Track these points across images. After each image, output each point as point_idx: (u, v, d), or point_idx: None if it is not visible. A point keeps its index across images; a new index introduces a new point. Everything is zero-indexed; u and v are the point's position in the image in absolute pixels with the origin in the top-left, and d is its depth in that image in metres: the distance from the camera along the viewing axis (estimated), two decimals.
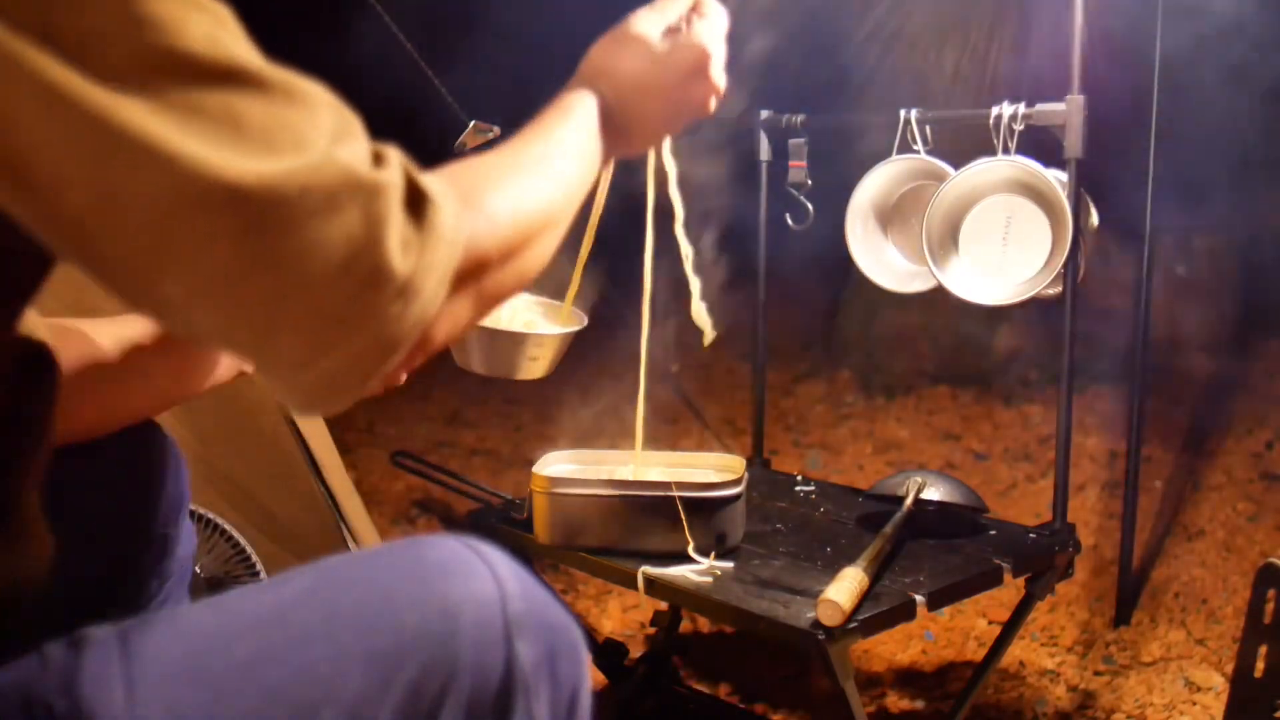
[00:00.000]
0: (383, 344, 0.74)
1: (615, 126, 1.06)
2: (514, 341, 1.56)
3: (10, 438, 0.80)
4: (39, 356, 0.85)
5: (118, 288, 0.70)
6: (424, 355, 0.82)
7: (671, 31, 1.12)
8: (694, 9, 1.14)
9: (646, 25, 1.11)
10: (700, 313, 1.62)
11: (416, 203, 0.75)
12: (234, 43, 0.70)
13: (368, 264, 0.72)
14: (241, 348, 0.73)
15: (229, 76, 0.68)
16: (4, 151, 0.64)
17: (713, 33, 1.12)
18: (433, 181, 0.78)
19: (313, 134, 0.71)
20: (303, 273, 0.70)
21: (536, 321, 1.65)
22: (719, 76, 1.13)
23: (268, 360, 0.73)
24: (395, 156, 0.76)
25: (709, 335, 1.64)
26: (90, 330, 1.25)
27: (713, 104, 1.14)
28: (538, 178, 0.93)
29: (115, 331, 1.26)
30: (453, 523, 3.24)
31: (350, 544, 2.17)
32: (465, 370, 1.60)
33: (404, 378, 0.95)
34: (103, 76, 0.64)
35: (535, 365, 1.59)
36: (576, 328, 1.64)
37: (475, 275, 0.82)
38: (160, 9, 0.66)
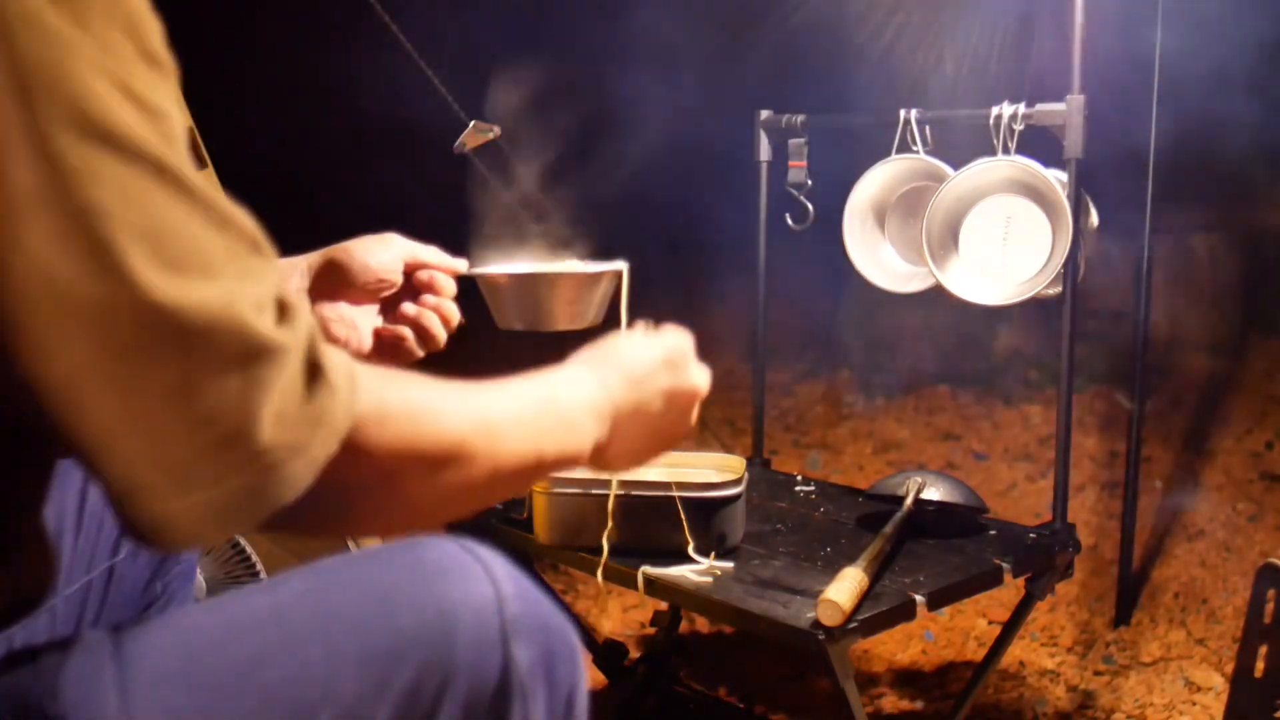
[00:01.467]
0: (227, 511, 0.67)
1: (605, 442, 0.99)
2: (547, 284, 1.46)
3: (17, 453, 0.79)
4: None
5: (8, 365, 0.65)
6: (350, 533, 0.77)
7: (669, 364, 1.08)
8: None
9: (647, 355, 1.05)
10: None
11: (311, 376, 0.69)
12: (163, 140, 0.66)
13: (229, 425, 0.66)
14: (84, 457, 0.66)
15: (159, 171, 0.64)
16: None
17: (702, 374, 1.10)
18: (336, 356, 0.72)
19: (223, 263, 0.66)
20: (156, 409, 0.64)
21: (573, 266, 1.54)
22: (695, 416, 1.10)
23: (105, 482, 0.67)
24: (303, 318, 0.70)
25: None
26: None
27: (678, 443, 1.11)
28: (467, 402, 0.83)
29: None
30: (452, 523, 3.24)
31: (350, 545, 2.17)
32: (507, 331, 1.49)
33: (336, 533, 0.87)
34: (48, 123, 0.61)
35: (574, 311, 1.47)
36: (613, 267, 1.52)
37: (360, 472, 0.74)
38: (100, 90, 0.63)
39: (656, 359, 1.05)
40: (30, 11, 0.62)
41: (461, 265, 1.53)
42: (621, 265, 1.55)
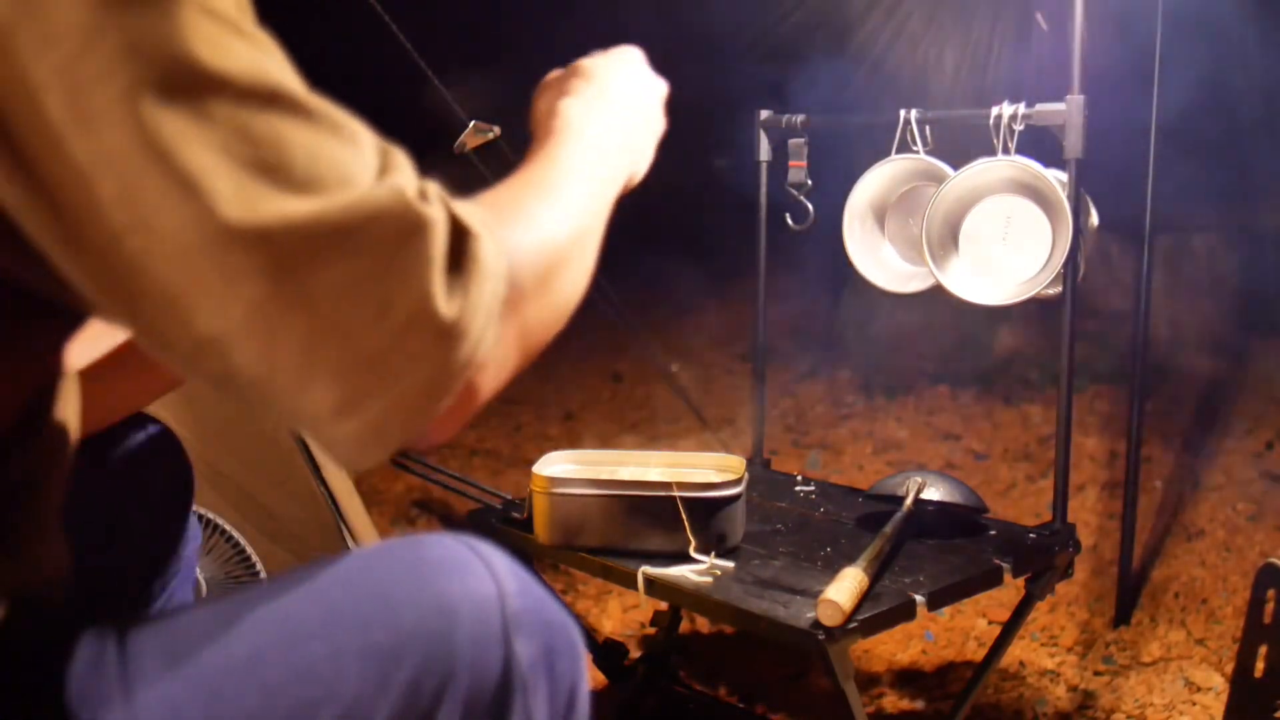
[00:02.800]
0: (428, 391, 0.70)
1: (624, 143, 1.04)
2: None
3: (37, 450, 0.79)
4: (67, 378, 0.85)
5: (155, 336, 0.67)
6: (472, 408, 0.76)
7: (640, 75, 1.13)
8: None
9: (624, 75, 1.10)
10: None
11: (460, 238, 0.72)
12: (280, 70, 0.67)
13: (410, 305, 0.68)
14: (278, 395, 0.68)
15: (275, 101, 0.66)
16: (43, 174, 0.63)
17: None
18: (473, 214, 0.74)
19: (358, 169, 0.68)
20: (339, 314, 0.66)
21: None
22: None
23: (303, 410, 0.69)
24: (436, 191, 0.73)
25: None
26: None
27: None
28: (564, 200, 0.88)
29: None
30: (452, 523, 3.24)
31: (350, 544, 2.17)
32: None
33: (452, 433, 0.85)
34: (149, 90, 0.62)
35: None
36: None
37: (517, 312, 0.78)
38: (206, 30, 0.64)
39: (633, 77, 1.10)
40: None
41: None
42: None
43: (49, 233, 0.64)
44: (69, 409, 0.83)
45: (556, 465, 1.88)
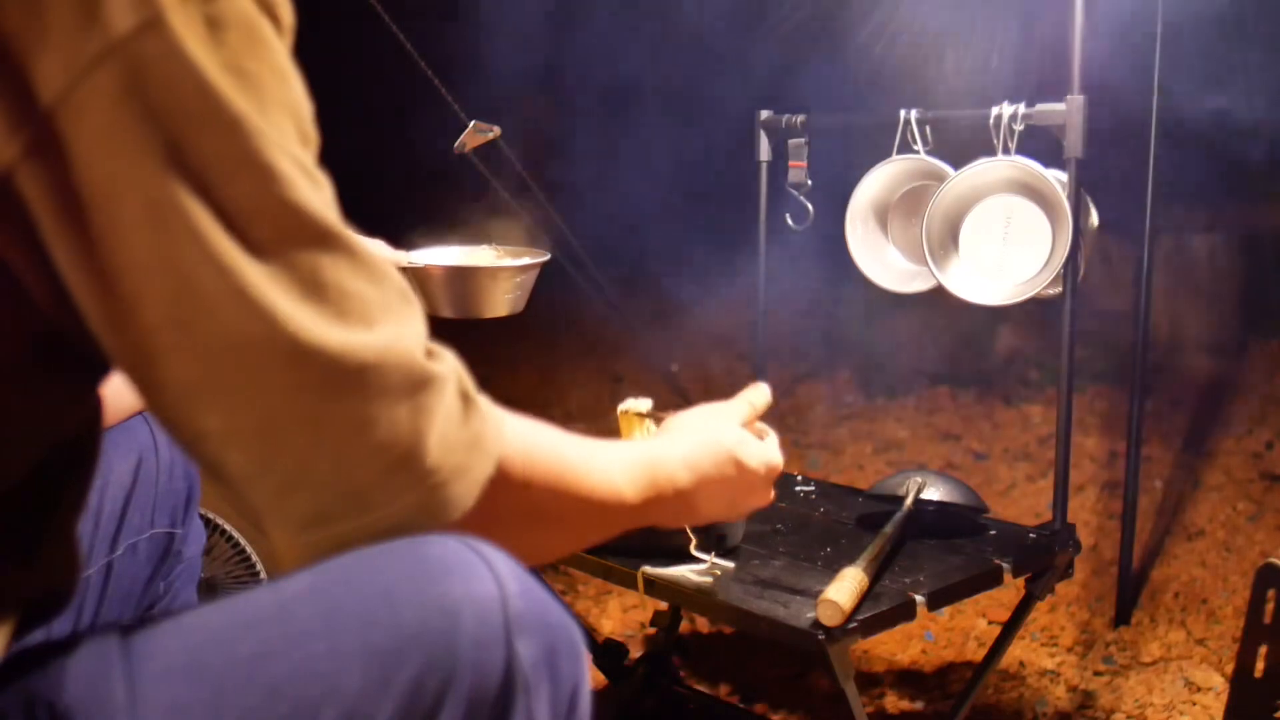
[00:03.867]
0: (397, 529, 0.75)
1: (680, 503, 1.07)
2: (489, 276, 1.62)
3: (68, 465, 0.81)
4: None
5: (162, 410, 0.72)
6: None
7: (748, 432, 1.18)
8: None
9: (734, 429, 1.16)
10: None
11: (464, 404, 0.77)
12: (329, 209, 0.73)
13: (404, 449, 0.73)
14: (260, 493, 0.73)
15: (324, 240, 0.71)
16: (101, 255, 0.67)
17: (778, 449, 1.21)
18: (480, 394, 0.80)
19: (382, 312, 0.73)
20: (342, 441, 0.71)
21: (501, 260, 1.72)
22: (773, 490, 1.21)
23: (281, 512, 0.73)
24: (448, 356, 0.78)
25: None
26: None
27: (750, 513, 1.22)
28: (586, 470, 0.91)
29: None
30: None
31: None
32: (434, 316, 1.63)
33: None
34: (215, 209, 0.68)
35: (510, 300, 1.65)
36: (543, 258, 1.69)
37: (501, 499, 0.81)
38: (280, 163, 0.69)
39: (746, 446, 1.15)
40: (213, 99, 0.67)
41: (403, 258, 1.61)
42: (546, 255, 1.70)
43: (95, 309, 0.69)
44: (94, 424, 0.85)
45: None
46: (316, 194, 0.71)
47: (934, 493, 1.86)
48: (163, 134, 0.66)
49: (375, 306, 0.73)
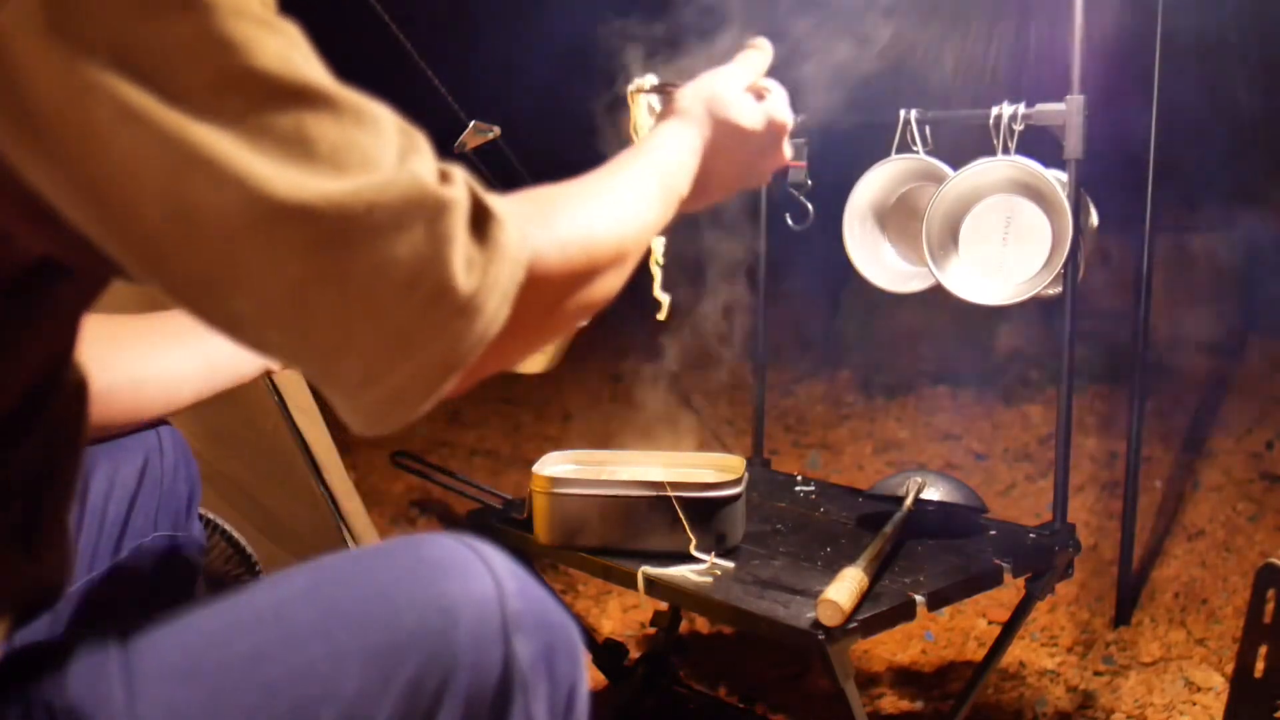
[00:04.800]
0: (446, 361, 0.75)
1: (696, 195, 1.10)
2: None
3: (51, 455, 0.80)
4: (75, 370, 0.86)
5: (191, 305, 0.72)
6: (485, 374, 0.81)
7: (754, 94, 1.19)
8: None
9: (736, 87, 1.16)
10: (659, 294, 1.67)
11: (481, 220, 0.76)
12: (305, 63, 0.71)
13: (432, 281, 0.72)
14: (309, 365, 0.74)
15: (301, 96, 0.70)
16: (83, 173, 0.66)
17: (787, 106, 1.21)
18: (498, 200, 0.78)
19: (381, 153, 0.72)
20: (369, 290, 0.70)
21: None
22: (787, 149, 1.21)
23: (334, 378, 0.73)
24: (460, 175, 0.77)
25: (664, 311, 1.68)
26: (118, 328, 1.24)
27: (770, 175, 1.22)
28: (613, 207, 0.94)
29: (149, 326, 1.26)
30: (452, 523, 3.24)
31: (350, 544, 2.17)
32: None
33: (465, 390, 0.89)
34: (177, 98, 0.66)
35: (539, 357, 1.60)
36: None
37: (539, 297, 0.82)
38: (236, 29, 0.67)
39: (747, 101, 1.16)
40: None
41: None
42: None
43: (94, 225, 0.68)
44: (77, 406, 0.84)
45: (556, 465, 1.88)
46: (284, 50, 0.70)
47: (934, 493, 1.86)
48: (107, 37, 0.65)
49: (371, 149, 0.71)
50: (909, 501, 1.84)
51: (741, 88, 1.17)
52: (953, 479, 1.93)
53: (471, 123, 2.02)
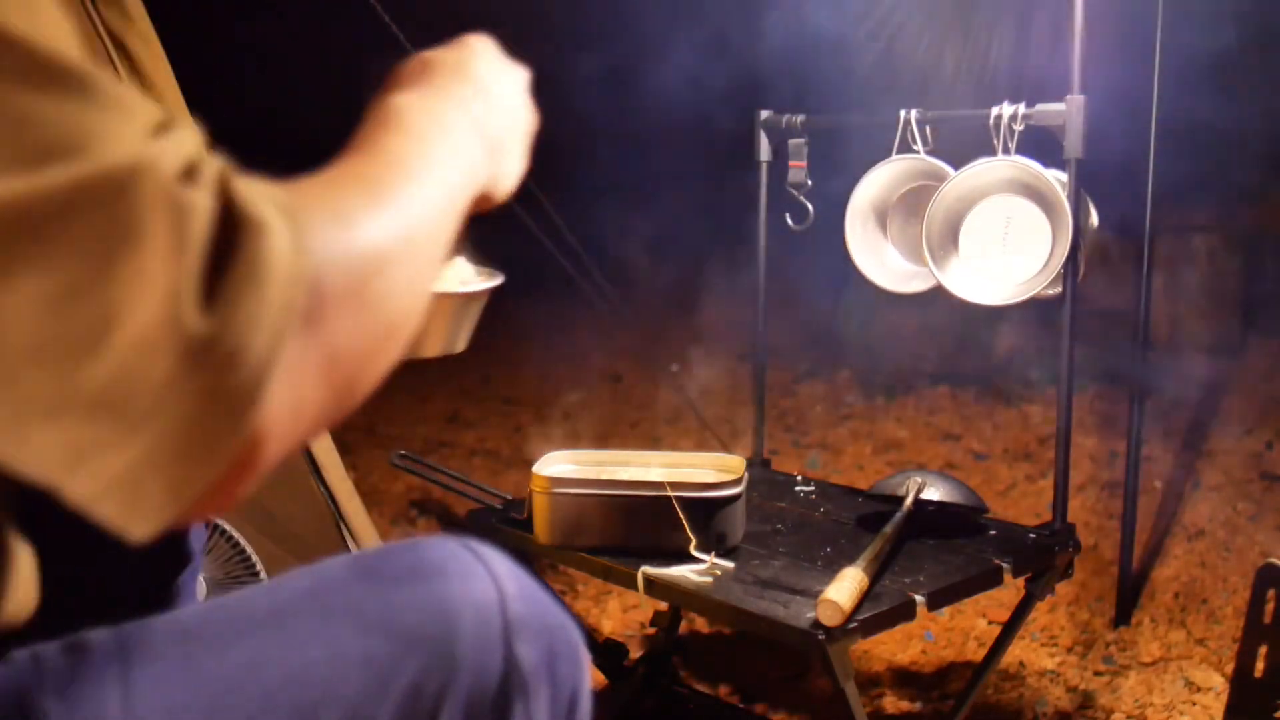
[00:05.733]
0: (191, 435, 0.53)
1: (476, 141, 0.80)
2: (481, 300, 1.13)
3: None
4: None
5: None
6: (261, 462, 0.58)
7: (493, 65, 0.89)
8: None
9: (485, 67, 0.87)
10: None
11: (235, 229, 0.53)
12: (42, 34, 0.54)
13: (145, 317, 0.51)
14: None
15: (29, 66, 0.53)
16: None
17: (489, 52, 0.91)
18: (267, 203, 0.55)
19: (100, 138, 0.53)
20: (42, 334, 0.50)
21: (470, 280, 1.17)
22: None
23: (29, 464, 0.52)
24: (216, 172, 0.55)
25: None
26: None
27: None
28: (390, 197, 0.67)
29: None
30: (453, 523, 3.24)
31: (350, 544, 2.17)
32: (416, 358, 1.11)
33: (236, 497, 0.61)
34: None
35: (440, 337, 1.11)
36: (494, 283, 1.16)
37: (322, 328, 0.58)
38: None
39: (486, 66, 0.86)
40: None
41: None
42: (497, 278, 1.16)
43: None
44: None
45: (556, 465, 1.88)
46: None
47: (934, 493, 1.86)
48: None
49: (82, 132, 0.52)
50: (909, 501, 1.84)
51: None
52: (953, 479, 1.93)
53: None
